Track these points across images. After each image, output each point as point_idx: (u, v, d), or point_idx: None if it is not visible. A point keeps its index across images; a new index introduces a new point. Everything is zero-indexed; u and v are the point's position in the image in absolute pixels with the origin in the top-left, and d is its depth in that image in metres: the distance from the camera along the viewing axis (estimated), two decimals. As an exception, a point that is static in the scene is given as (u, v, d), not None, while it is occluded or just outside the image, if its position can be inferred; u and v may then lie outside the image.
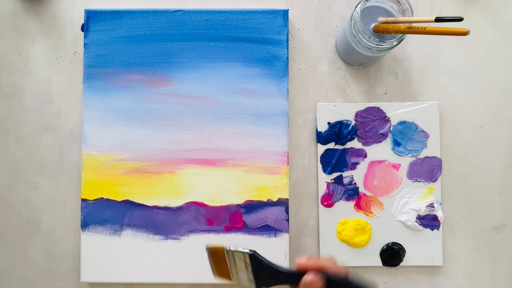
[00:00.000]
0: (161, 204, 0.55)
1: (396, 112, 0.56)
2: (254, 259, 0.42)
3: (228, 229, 0.54)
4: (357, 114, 0.56)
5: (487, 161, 0.56)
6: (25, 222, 0.57)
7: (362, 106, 0.56)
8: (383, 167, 0.56)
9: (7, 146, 0.57)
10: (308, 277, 0.39)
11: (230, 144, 0.55)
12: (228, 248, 0.43)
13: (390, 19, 0.49)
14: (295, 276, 0.41)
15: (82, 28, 0.57)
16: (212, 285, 0.55)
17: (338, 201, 0.55)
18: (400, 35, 0.48)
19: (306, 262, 0.40)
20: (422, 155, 0.56)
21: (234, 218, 0.55)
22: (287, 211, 0.54)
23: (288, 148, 0.55)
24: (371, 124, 0.56)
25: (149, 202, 0.55)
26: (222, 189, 0.55)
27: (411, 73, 0.57)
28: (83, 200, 0.55)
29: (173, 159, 0.55)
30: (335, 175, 0.56)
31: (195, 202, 0.55)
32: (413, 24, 0.47)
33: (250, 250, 0.42)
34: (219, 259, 0.45)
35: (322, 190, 0.56)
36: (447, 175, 0.56)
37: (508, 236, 0.56)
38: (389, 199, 0.56)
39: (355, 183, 0.56)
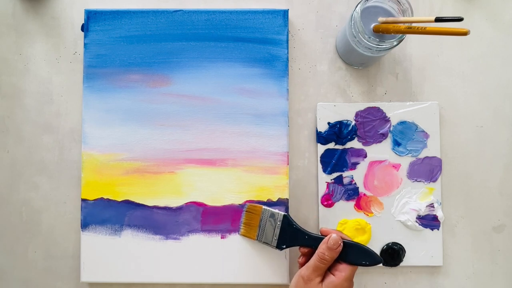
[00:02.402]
0: (161, 204, 0.55)
1: (396, 112, 0.56)
2: (286, 219, 0.51)
3: (228, 229, 0.54)
4: (357, 114, 0.56)
5: (487, 161, 0.56)
6: (25, 222, 0.57)
7: (362, 106, 0.56)
8: (383, 167, 0.56)
9: (7, 146, 0.57)
10: (332, 235, 0.48)
11: (230, 144, 0.55)
12: (265, 207, 0.53)
13: (390, 19, 0.49)
14: (315, 239, 0.50)
15: (82, 28, 0.57)
16: (212, 285, 0.55)
17: (338, 201, 0.55)
18: (400, 35, 0.48)
19: (329, 229, 0.50)
20: (422, 155, 0.56)
21: (234, 218, 0.55)
22: (287, 211, 0.54)
23: (288, 148, 0.55)
24: (371, 124, 0.56)
25: (149, 202, 0.55)
26: (222, 189, 0.55)
27: (411, 73, 0.57)
28: (83, 200, 0.55)
29: (173, 159, 0.55)
30: (335, 175, 0.56)
31: (195, 202, 0.55)
32: (413, 24, 0.47)
33: (285, 212, 0.52)
34: (252, 216, 0.53)
35: (322, 190, 0.56)
36: (447, 175, 0.56)
37: (508, 236, 0.56)
38: (389, 199, 0.56)
39: (355, 183, 0.56)
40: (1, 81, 0.57)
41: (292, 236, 0.51)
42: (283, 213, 0.52)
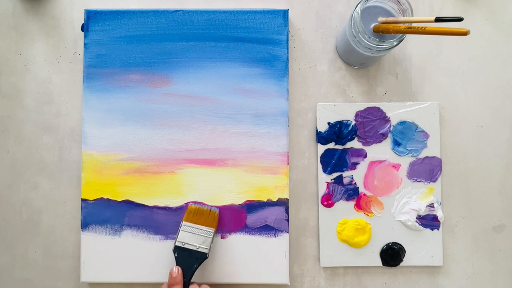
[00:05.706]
0: (161, 204, 0.55)
1: (396, 112, 0.56)
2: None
3: (228, 229, 0.54)
4: (357, 114, 0.56)
5: (487, 161, 0.56)
6: (25, 222, 0.57)
7: (362, 106, 0.56)
8: (383, 167, 0.56)
9: (7, 146, 0.57)
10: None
11: (230, 144, 0.55)
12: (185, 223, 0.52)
13: (390, 19, 0.49)
14: None
15: (82, 28, 0.57)
16: (212, 285, 0.55)
17: (338, 201, 0.55)
18: (400, 35, 0.48)
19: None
20: (422, 155, 0.56)
21: (234, 218, 0.55)
22: (287, 211, 0.54)
23: (288, 148, 0.55)
24: (371, 124, 0.56)
25: (149, 202, 0.55)
26: (222, 189, 0.55)
27: (411, 73, 0.57)
28: (83, 200, 0.55)
29: (173, 159, 0.55)
30: (335, 175, 0.56)
31: (195, 202, 0.55)
32: (413, 24, 0.47)
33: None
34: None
35: (322, 190, 0.56)
36: (447, 175, 0.56)
37: (508, 236, 0.56)
38: (389, 199, 0.56)
39: (355, 183, 0.56)
40: (1, 81, 0.57)
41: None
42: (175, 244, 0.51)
